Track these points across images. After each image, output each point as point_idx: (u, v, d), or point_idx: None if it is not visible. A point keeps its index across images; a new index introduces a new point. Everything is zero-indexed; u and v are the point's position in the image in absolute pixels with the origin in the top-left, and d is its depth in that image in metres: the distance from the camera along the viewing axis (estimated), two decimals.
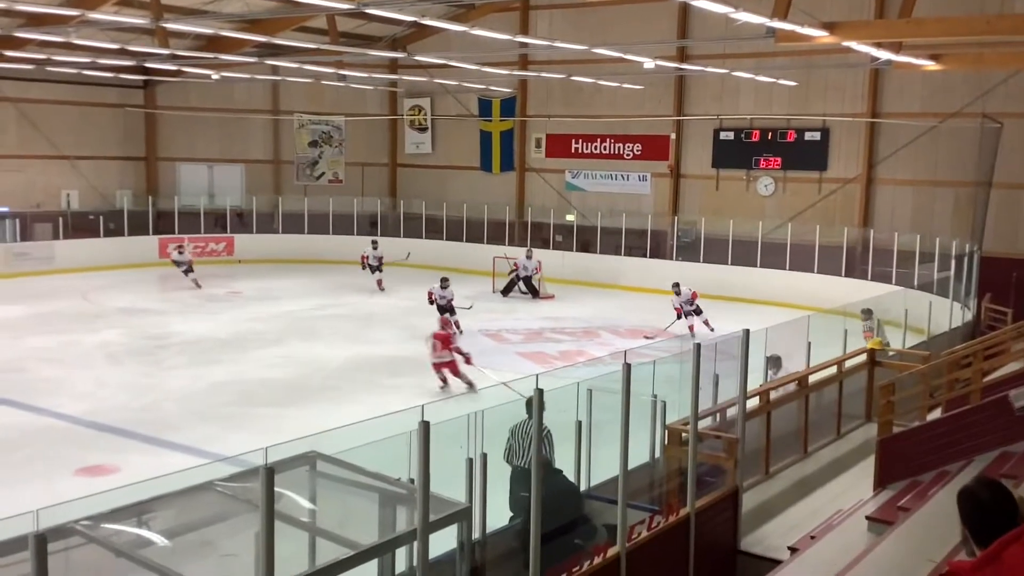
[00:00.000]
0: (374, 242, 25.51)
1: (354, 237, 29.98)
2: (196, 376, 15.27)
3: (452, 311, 18.79)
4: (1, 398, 13.50)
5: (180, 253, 25.07)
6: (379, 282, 24.37)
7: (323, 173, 32.53)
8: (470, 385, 14.29)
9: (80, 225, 28.02)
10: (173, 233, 29.22)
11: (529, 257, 24.51)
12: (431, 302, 19.12)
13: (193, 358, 16.64)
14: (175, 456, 11.07)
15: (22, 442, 11.65)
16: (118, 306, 21.67)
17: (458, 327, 18.24)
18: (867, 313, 14.53)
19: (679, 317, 19.11)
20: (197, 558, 4.85)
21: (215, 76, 25.46)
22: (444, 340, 14.64)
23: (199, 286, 24.20)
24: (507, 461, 7.12)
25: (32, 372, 15.25)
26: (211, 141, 31.11)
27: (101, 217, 28.36)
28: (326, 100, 30.98)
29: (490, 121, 30.45)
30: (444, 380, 14.42)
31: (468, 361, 14.42)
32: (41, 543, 3.66)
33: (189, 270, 24.60)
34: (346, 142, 32.52)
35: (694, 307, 19.29)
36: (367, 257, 24.86)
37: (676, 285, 19.46)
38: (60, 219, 27.78)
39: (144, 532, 4.85)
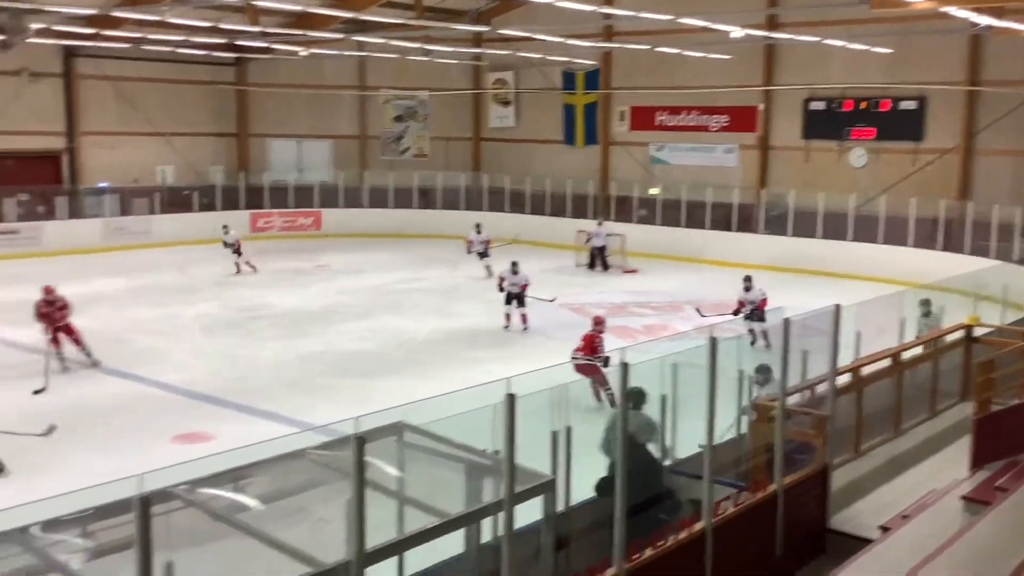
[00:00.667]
0: (478, 226, 23.74)
1: (438, 211, 30.27)
2: (287, 347, 15.66)
3: (521, 300, 17.25)
4: (104, 367, 14.06)
5: (226, 234, 23.64)
6: (487, 268, 22.47)
7: (408, 148, 32.81)
8: (600, 397, 11.77)
9: (175, 200, 28.90)
10: (263, 208, 29.93)
11: (600, 224, 24.30)
12: (501, 289, 17.54)
13: (284, 330, 17.06)
14: (267, 425, 11.39)
15: (123, 409, 12.13)
16: (212, 279, 22.31)
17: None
18: (925, 305, 13.10)
19: (735, 314, 16.13)
20: (291, 523, 5.00)
21: (303, 53, 25.87)
22: (589, 342, 12.69)
23: (253, 268, 23.20)
24: (604, 453, 7.06)
25: (132, 343, 15.83)
26: (300, 117, 31.65)
27: (195, 192, 29.20)
28: (411, 75, 31.17)
29: (574, 94, 30.24)
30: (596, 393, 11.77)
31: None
32: (145, 506, 3.81)
33: (237, 252, 23.23)
34: (431, 117, 32.71)
35: (758, 315, 15.68)
36: (472, 243, 23.38)
37: (748, 279, 16.45)
38: (156, 194, 28.70)
39: (240, 497, 5.01)
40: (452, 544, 5.82)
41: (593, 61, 29.00)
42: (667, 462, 7.54)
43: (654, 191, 28.11)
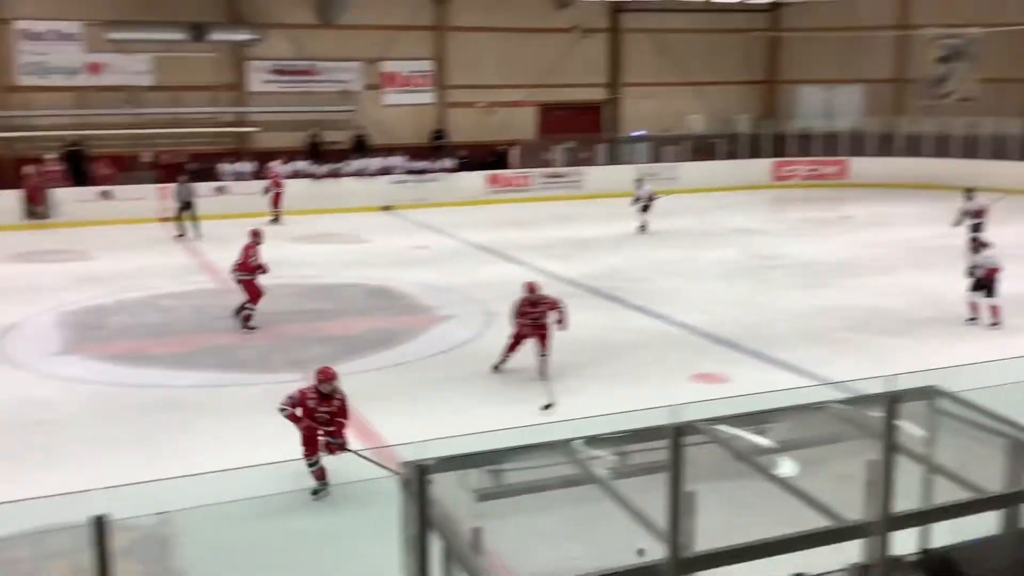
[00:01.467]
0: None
1: (983, 162, 27.34)
2: (805, 298, 15.44)
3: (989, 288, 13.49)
4: (630, 303, 15.12)
5: (639, 188, 22.19)
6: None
7: (951, 91, 29.99)
8: None
9: (701, 148, 29.80)
10: (786, 156, 29.62)
11: None
12: None
13: (802, 280, 16.82)
14: (782, 374, 11.38)
15: (647, 345, 12.94)
16: (732, 226, 22.71)
17: None
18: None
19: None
20: (808, 474, 4.97)
21: None
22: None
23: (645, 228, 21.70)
24: None
25: (655, 282, 16.77)
26: (830, 62, 30.60)
27: (721, 140, 29.82)
28: (960, 11, 28.33)
29: None
30: None
31: None
32: (677, 434, 4.06)
33: (646, 209, 21.78)
34: (981, 56, 29.47)
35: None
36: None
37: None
38: (685, 142, 29.85)
39: (761, 440, 5.09)
40: (983, 524, 5.35)
41: None
42: None
43: None
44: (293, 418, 7.98)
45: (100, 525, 3.39)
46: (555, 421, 9.19)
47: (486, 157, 28.22)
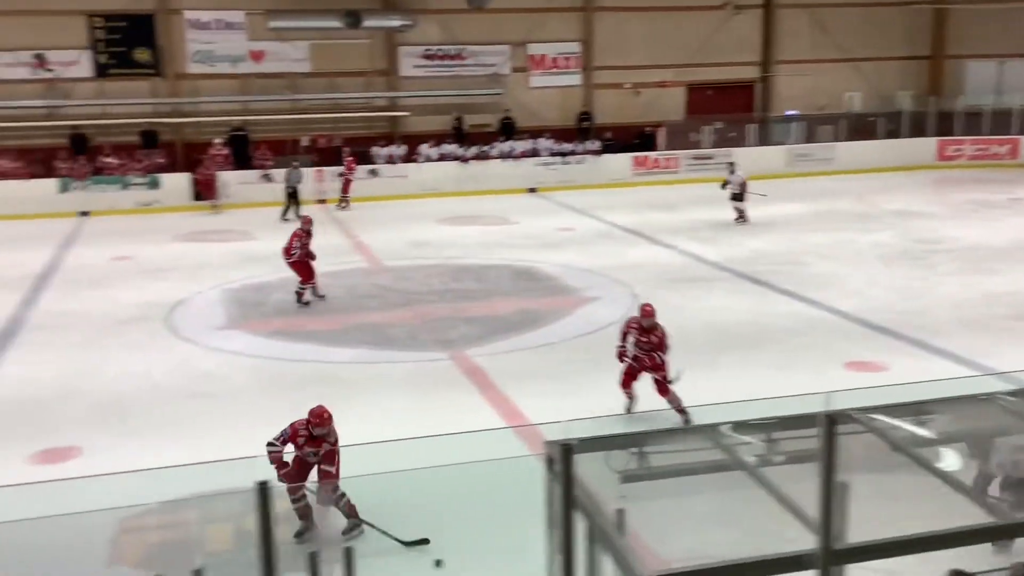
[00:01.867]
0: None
1: None
2: (969, 284, 14.64)
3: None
4: (781, 288, 14.71)
5: (731, 173, 20.77)
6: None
7: None
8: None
9: (859, 127, 28.59)
10: (953, 135, 28.07)
11: None
12: None
13: (967, 265, 15.95)
14: (943, 363, 10.85)
15: (798, 330, 12.57)
16: (892, 208, 21.73)
17: None
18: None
19: None
20: (972, 468, 4.73)
21: None
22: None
23: (743, 217, 20.36)
24: None
25: (808, 267, 16.25)
26: (1001, 34, 28.71)
27: (881, 119, 28.53)
28: None
29: None
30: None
31: None
32: (831, 423, 3.93)
33: (739, 197, 20.47)
34: None
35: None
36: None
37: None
38: (841, 121, 28.69)
39: (920, 431, 4.87)
40: None
41: None
42: None
43: None
44: (278, 461, 7.08)
45: (264, 491, 3.57)
46: (702, 405, 9.05)
47: (632, 139, 27.96)
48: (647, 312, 9.59)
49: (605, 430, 4.74)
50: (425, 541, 6.72)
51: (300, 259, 14.06)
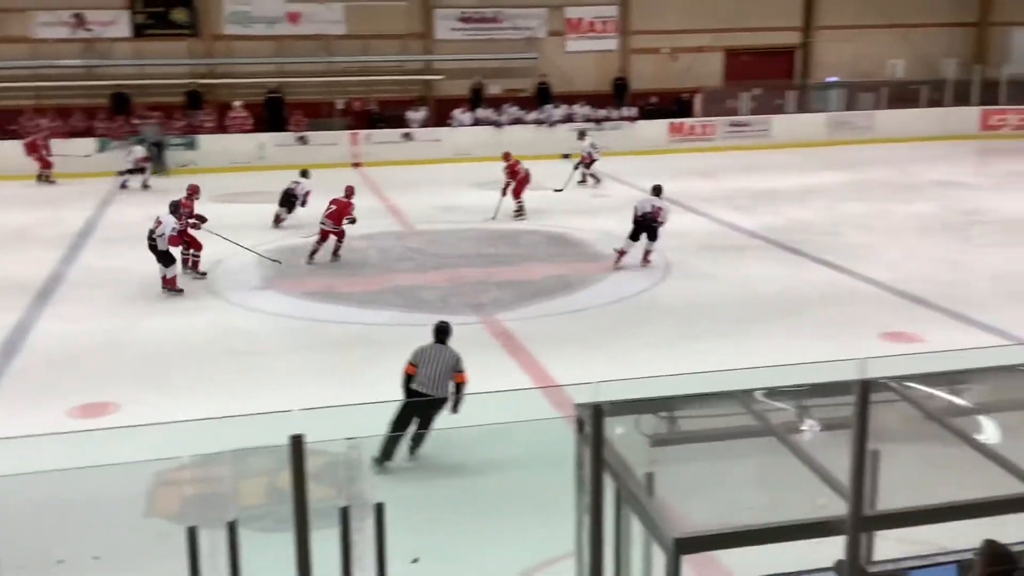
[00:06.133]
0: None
1: None
2: (1011, 256, 14.40)
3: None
4: (817, 257, 14.55)
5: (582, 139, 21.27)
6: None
7: None
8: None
9: (901, 95, 28.05)
10: (997, 104, 27.47)
11: None
12: None
13: (1009, 238, 15.68)
14: (982, 335, 10.68)
15: (834, 300, 12.44)
16: (933, 178, 21.35)
17: None
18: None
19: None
20: (1010, 438, 4.67)
21: None
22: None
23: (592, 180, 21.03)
24: None
25: (845, 236, 16.04)
26: None
27: (924, 87, 27.98)
28: None
29: None
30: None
31: None
32: (865, 390, 3.90)
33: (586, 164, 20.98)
34: None
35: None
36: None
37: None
38: (883, 89, 28.17)
39: (956, 400, 4.82)
40: None
41: None
42: None
43: None
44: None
45: (298, 444, 3.61)
46: (733, 370, 9.00)
47: (669, 105, 27.65)
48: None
49: (636, 394, 4.73)
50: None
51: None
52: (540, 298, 12.71)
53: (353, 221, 14.80)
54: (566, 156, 25.62)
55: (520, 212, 17.93)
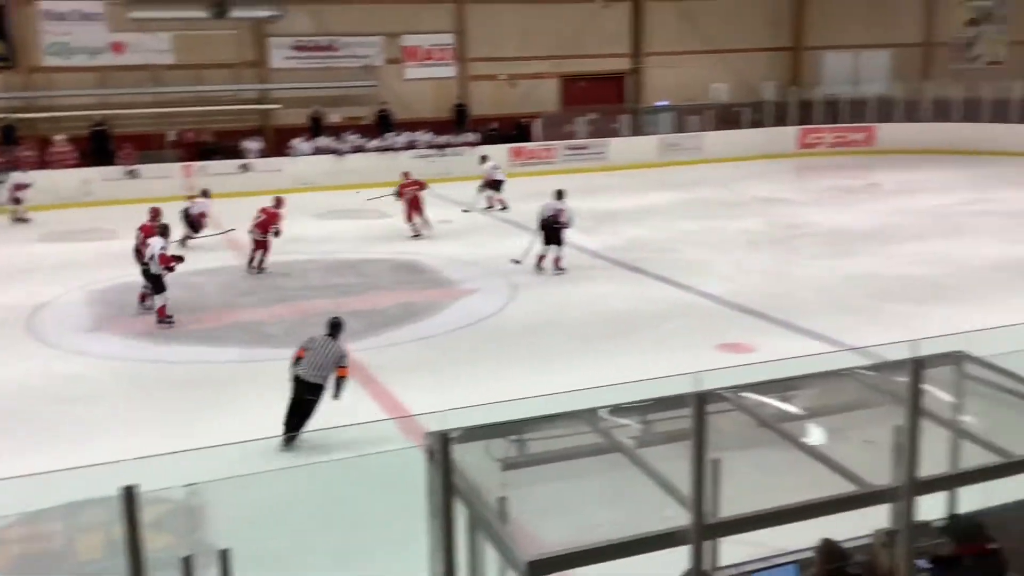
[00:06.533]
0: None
1: (1012, 126, 26.91)
2: (831, 267, 15.32)
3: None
4: (655, 274, 15.06)
5: (483, 163, 21.89)
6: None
7: (980, 55, 29.51)
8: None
9: (725, 117, 29.52)
10: (813, 123, 29.27)
11: None
12: None
13: (829, 249, 16.68)
14: (808, 342, 11.33)
15: (671, 314, 12.91)
16: (758, 195, 22.51)
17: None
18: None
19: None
20: (837, 439, 4.95)
21: None
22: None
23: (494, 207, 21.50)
24: None
25: (680, 253, 16.69)
26: (858, 26, 30.14)
27: (746, 109, 29.52)
28: None
29: None
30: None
31: None
32: (701, 402, 4.05)
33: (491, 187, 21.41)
34: (1010, 18, 28.94)
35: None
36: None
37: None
38: (708, 112, 29.57)
39: (787, 407, 5.07)
40: (1011, 489, 5.31)
41: None
42: None
43: None
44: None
45: (130, 495, 3.44)
46: (580, 389, 9.19)
47: (509, 130, 28.11)
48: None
49: (486, 419, 4.75)
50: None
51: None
52: (390, 327, 12.63)
53: (278, 233, 15.44)
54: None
55: (417, 233, 18.39)
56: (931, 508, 4.95)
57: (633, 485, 4.79)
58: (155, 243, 12.74)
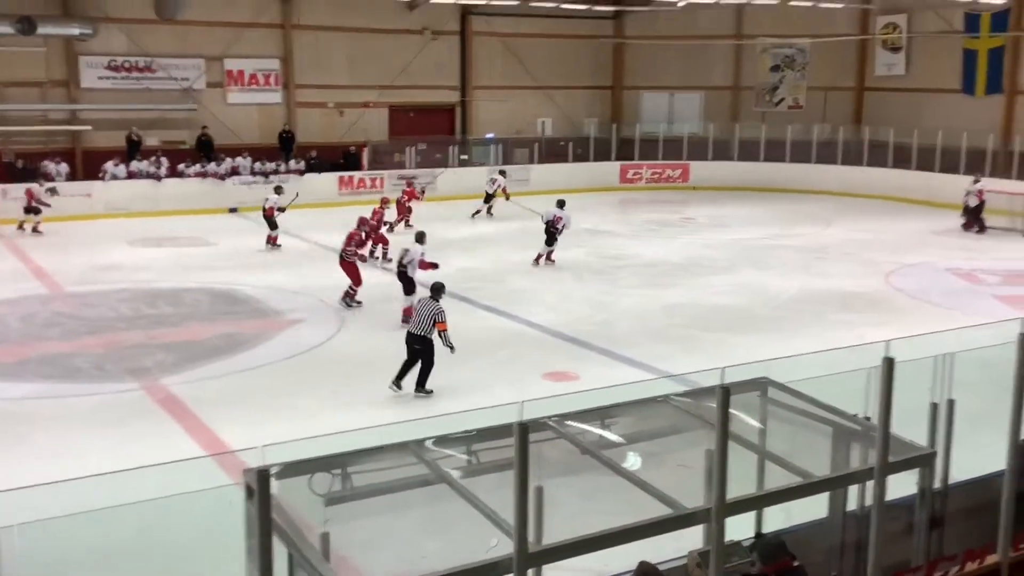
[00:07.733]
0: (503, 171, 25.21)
1: (811, 165, 28.96)
2: (650, 297, 15.93)
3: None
4: (486, 305, 15.21)
5: (278, 193, 20.78)
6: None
7: (783, 99, 31.66)
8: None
9: (552, 150, 30.29)
10: (633, 159, 30.47)
11: (976, 182, 22.00)
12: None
13: (648, 280, 17.35)
14: (628, 370, 11.71)
15: (502, 344, 13.05)
16: (583, 227, 23.12)
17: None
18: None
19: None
20: (652, 465, 5.13)
21: (682, 3, 25.76)
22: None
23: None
24: None
25: (507, 283, 16.94)
26: (672, 69, 31.71)
27: (570, 143, 30.42)
28: (791, 22, 29.92)
29: (977, 38, 27.31)
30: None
31: None
32: (524, 432, 4.10)
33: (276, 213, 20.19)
34: (809, 65, 31.24)
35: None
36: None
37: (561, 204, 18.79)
38: (535, 144, 30.27)
39: (607, 434, 5.22)
40: (814, 508, 5.65)
41: (1003, 0, 25.98)
42: None
43: None
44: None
45: None
46: (404, 422, 9.13)
47: (336, 158, 27.79)
48: None
49: (309, 453, 4.64)
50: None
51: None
52: (208, 359, 12.16)
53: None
54: (233, 210, 24.91)
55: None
56: (740, 528, 5.19)
57: (459, 515, 4.79)
58: (415, 249, 13.90)
